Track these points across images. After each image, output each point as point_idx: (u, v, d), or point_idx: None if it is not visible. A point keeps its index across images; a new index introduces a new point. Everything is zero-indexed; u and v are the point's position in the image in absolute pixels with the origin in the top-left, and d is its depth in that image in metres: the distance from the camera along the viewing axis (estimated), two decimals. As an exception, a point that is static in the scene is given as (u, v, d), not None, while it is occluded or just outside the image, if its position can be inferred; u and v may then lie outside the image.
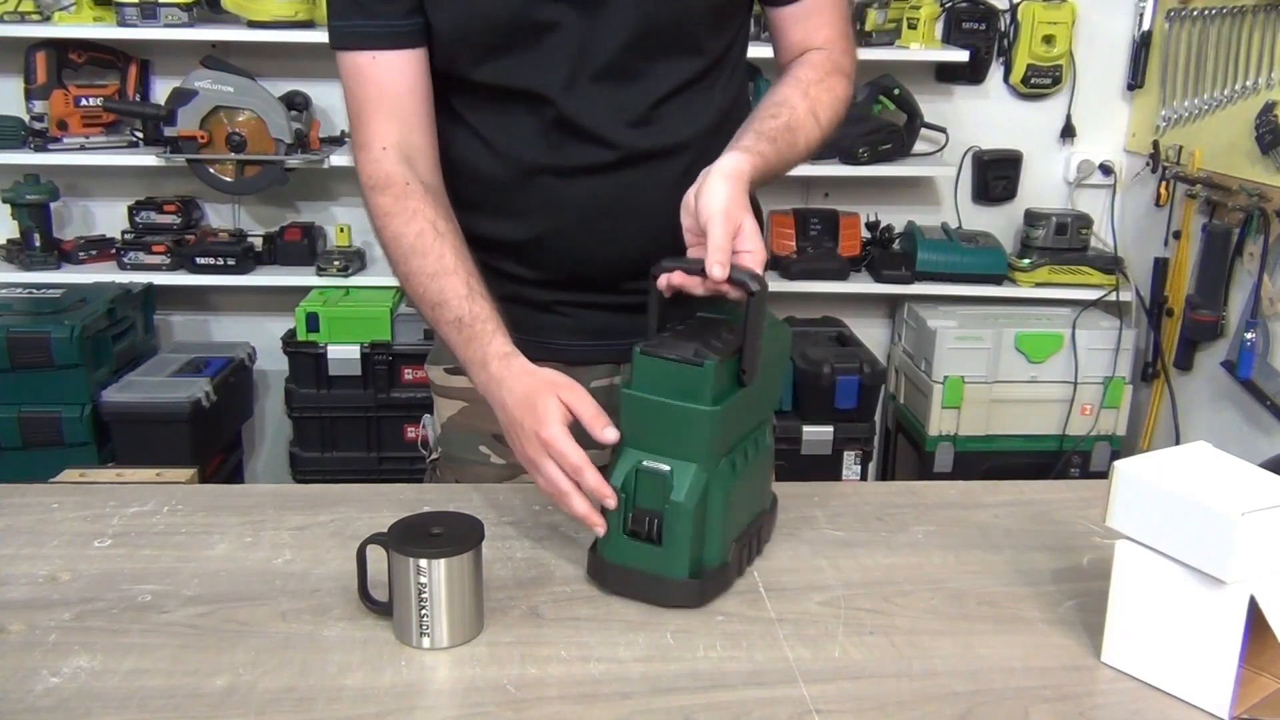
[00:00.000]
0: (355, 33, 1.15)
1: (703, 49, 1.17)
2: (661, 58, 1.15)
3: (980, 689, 0.91)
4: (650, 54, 1.14)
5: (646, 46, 1.13)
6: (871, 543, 1.16)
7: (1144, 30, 2.93)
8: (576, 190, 1.17)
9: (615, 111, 1.14)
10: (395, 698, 0.88)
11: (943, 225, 3.04)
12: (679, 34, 1.14)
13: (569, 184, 1.17)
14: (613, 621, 1.00)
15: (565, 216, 1.18)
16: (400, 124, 1.16)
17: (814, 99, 1.16)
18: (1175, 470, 0.90)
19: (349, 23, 1.15)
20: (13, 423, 2.53)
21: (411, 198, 1.13)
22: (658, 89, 1.15)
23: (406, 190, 1.13)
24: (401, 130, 1.16)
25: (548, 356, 1.17)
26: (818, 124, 1.15)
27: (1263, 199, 2.44)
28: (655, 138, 1.16)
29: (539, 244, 1.21)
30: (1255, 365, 2.49)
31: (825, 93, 1.17)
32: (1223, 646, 0.86)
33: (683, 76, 1.16)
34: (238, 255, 2.81)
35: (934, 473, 2.87)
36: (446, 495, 1.24)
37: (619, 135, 1.15)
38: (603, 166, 1.16)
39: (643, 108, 1.15)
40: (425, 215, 1.13)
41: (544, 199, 1.19)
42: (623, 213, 1.17)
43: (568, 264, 1.21)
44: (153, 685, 0.89)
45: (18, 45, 2.72)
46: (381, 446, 2.82)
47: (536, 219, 1.20)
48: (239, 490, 1.57)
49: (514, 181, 1.19)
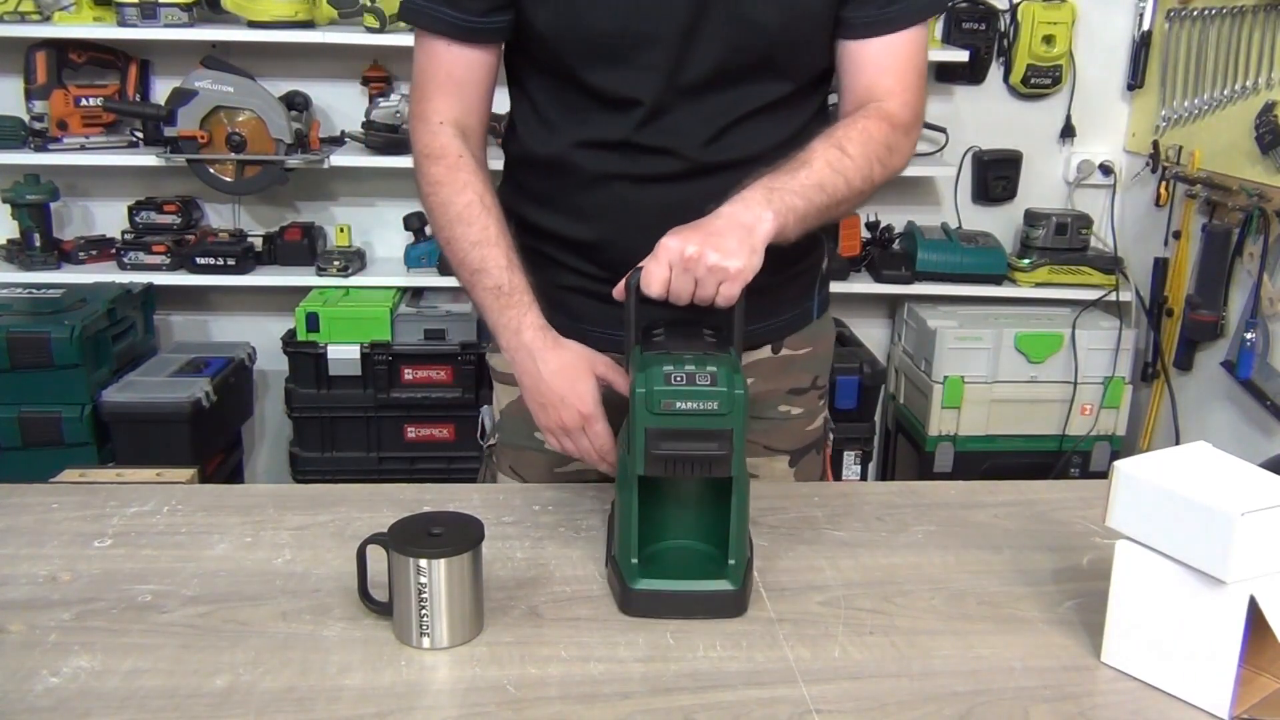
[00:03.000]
0: (434, 17, 1.17)
1: (787, 74, 1.19)
2: (748, 80, 1.17)
3: (980, 689, 0.91)
4: (738, 76, 1.17)
5: (736, 68, 1.16)
6: (871, 543, 1.16)
7: (1144, 30, 2.93)
8: (645, 195, 1.20)
9: (697, 125, 1.17)
10: (395, 698, 0.88)
11: (943, 225, 3.04)
12: (767, 59, 1.17)
13: (639, 189, 1.20)
14: (613, 621, 1.00)
15: (632, 221, 1.20)
16: (461, 104, 1.21)
17: (840, 138, 1.15)
18: (1175, 470, 0.90)
19: (431, 5, 1.17)
20: (13, 423, 2.53)
21: (463, 170, 1.19)
22: (739, 108, 1.18)
23: (459, 162, 1.19)
24: (461, 110, 1.21)
25: (595, 345, 1.21)
26: (845, 154, 1.14)
27: (1263, 199, 2.44)
28: (726, 152, 1.19)
29: (603, 244, 1.24)
30: (1255, 365, 2.49)
31: (856, 132, 1.16)
32: (1223, 646, 0.86)
33: (765, 99, 1.19)
34: (238, 255, 2.80)
35: (934, 473, 2.87)
36: (447, 495, 1.24)
37: (694, 150, 1.18)
38: (674, 175, 1.19)
39: (722, 124, 1.18)
40: (475, 188, 1.18)
41: (614, 202, 1.22)
42: (688, 219, 1.17)
43: (629, 264, 1.23)
44: (153, 685, 0.89)
45: (18, 45, 2.72)
46: (381, 446, 2.82)
47: (604, 221, 1.23)
48: (239, 490, 1.57)
49: (587, 183, 1.22)
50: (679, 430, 0.95)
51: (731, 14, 1.12)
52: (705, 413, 0.95)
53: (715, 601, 1.00)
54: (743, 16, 1.13)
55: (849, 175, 1.13)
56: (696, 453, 0.96)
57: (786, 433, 1.35)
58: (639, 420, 0.95)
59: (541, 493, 1.26)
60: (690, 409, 0.95)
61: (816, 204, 1.10)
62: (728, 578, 1.00)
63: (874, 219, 3.05)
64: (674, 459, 0.96)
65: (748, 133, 1.19)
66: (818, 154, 1.13)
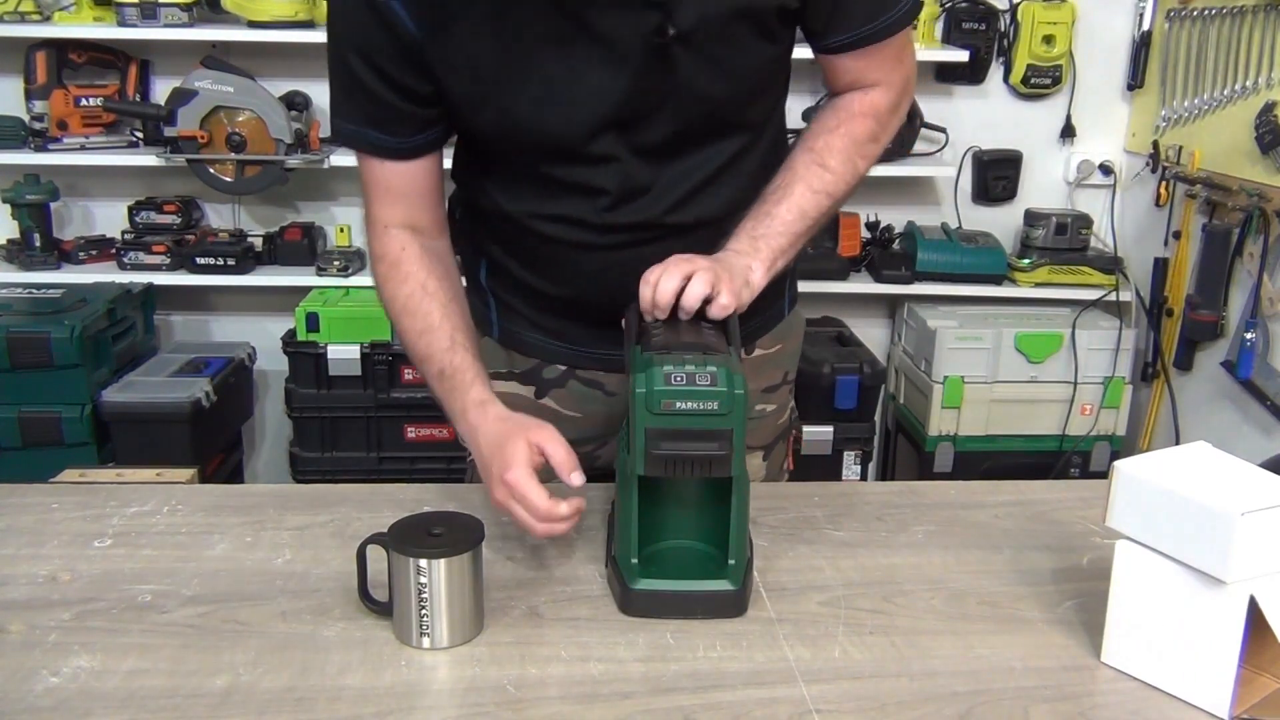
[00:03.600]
0: (366, 141, 1.15)
1: (747, 127, 1.18)
2: (709, 142, 1.16)
3: (980, 689, 0.91)
4: (699, 141, 1.15)
5: (694, 136, 1.14)
6: (871, 543, 1.16)
7: (1144, 30, 2.93)
8: (615, 257, 1.18)
9: (665, 194, 1.16)
10: (395, 698, 0.88)
11: (943, 225, 3.04)
12: (722, 123, 1.15)
13: (608, 253, 1.19)
14: (613, 621, 1.00)
15: (607, 279, 1.20)
16: (405, 208, 1.19)
17: (820, 150, 1.16)
18: (1175, 470, 0.90)
19: (360, 129, 1.14)
20: (13, 423, 2.53)
21: (404, 264, 1.17)
22: (705, 168, 1.16)
23: (401, 256, 1.18)
24: (406, 213, 1.19)
25: (602, 368, 1.27)
26: (826, 169, 1.15)
27: (1263, 199, 2.44)
28: (698, 210, 1.17)
29: (583, 299, 1.24)
30: (1255, 365, 2.49)
31: (839, 139, 1.16)
32: (1223, 646, 0.86)
33: (729, 152, 1.17)
34: (238, 255, 2.80)
35: (934, 473, 2.87)
36: (447, 495, 1.24)
37: (666, 216, 1.17)
38: (646, 239, 1.17)
39: (690, 187, 1.17)
40: (416, 278, 1.17)
41: (582, 264, 1.21)
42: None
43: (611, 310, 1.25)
44: (153, 685, 0.89)
45: (18, 45, 2.72)
46: (381, 446, 2.81)
47: (581, 282, 1.23)
48: (239, 490, 1.57)
49: (554, 247, 1.20)
50: (679, 430, 0.95)
51: (676, 91, 1.09)
52: (705, 413, 0.95)
53: (715, 601, 1.00)
54: (689, 90, 1.09)
55: (831, 189, 1.15)
56: (696, 453, 0.96)
57: (762, 430, 1.36)
58: (639, 420, 0.95)
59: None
60: (690, 409, 0.95)
61: (801, 232, 1.14)
62: (728, 578, 1.00)
63: (874, 219, 3.05)
64: (674, 459, 0.96)
65: (717, 187, 1.17)
66: (799, 177, 1.14)
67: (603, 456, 1.32)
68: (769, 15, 1.09)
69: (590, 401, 1.30)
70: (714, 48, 1.07)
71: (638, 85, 1.08)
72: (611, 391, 1.29)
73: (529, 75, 1.07)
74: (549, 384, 1.30)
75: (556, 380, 1.30)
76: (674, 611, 1.00)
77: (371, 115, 1.13)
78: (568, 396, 1.30)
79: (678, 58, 1.06)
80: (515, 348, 1.31)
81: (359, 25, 1.07)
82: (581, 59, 1.06)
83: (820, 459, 2.80)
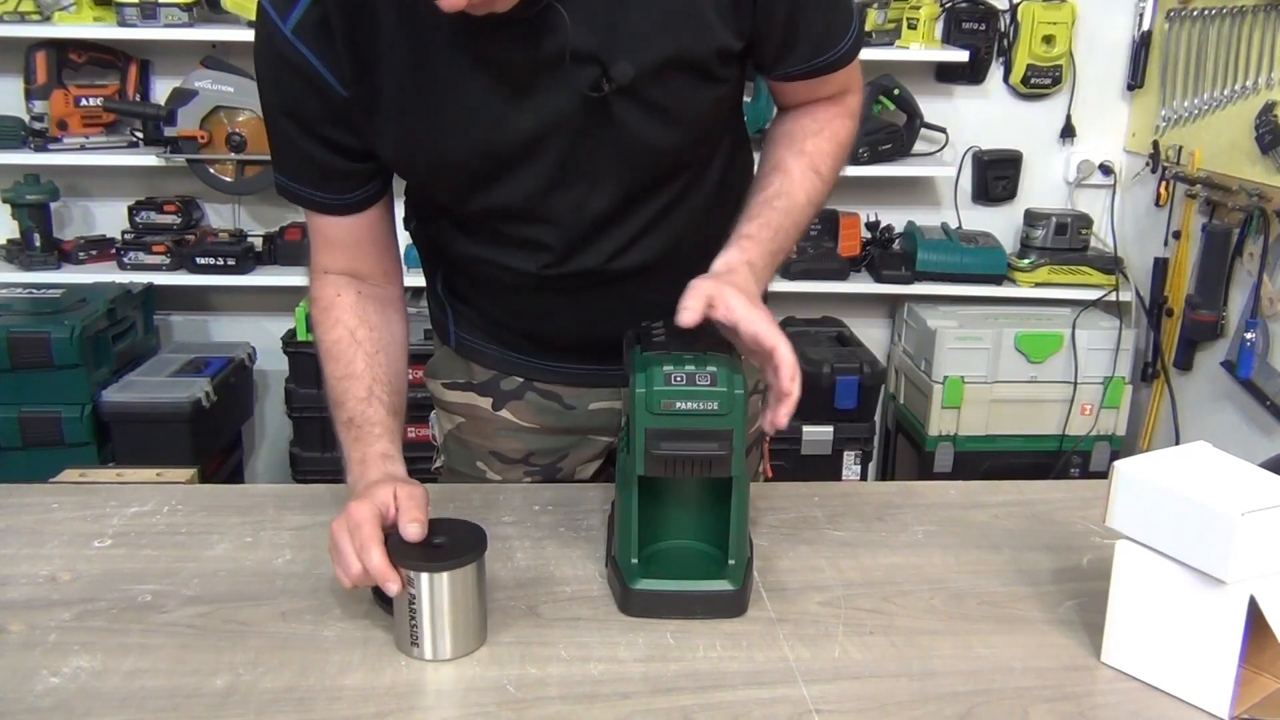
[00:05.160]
0: (304, 198, 1.13)
1: (694, 164, 1.16)
2: (654, 189, 1.13)
3: (980, 689, 0.91)
4: (644, 190, 1.12)
5: (640, 187, 1.12)
6: (871, 543, 1.16)
7: (1144, 30, 2.93)
8: (567, 298, 1.19)
9: (609, 243, 1.14)
10: (395, 698, 0.88)
11: (943, 225, 3.04)
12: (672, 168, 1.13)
13: (559, 295, 1.19)
14: (613, 621, 1.00)
15: (561, 317, 1.21)
16: (347, 258, 1.17)
17: (812, 153, 1.14)
18: (1175, 470, 0.90)
19: (298, 185, 1.12)
20: (13, 423, 2.53)
21: (335, 309, 1.15)
22: (649, 211, 1.14)
23: (335, 302, 1.16)
24: (348, 261, 1.17)
25: (560, 381, 1.27)
26: (820, 178, 1.14)
27: (1263, 199, 2.44)
28: (647, 252, 1.16)
29: (542, 332, 1.25)
30: (1255, 365, 2.49)
31: (826, 142, 1.15)
32: (1223, 646, 0.86)
33: (675, 191, 1.15)
34: (238, 255, 2.80)
35: (934, 473, 2.87)
36: (447, 495, 1.24)
37: (611, 262, 1.15)
38: (595, 284, 1.17)
39: (634, 233, 1.15)
40: (345, 325, 1.14)
41: (539, 307, 1.21)
42: (619, 310, 1.15)
43: (570, 340, 1.26)
44: (153, 685, 0.89)
45: (18, 45, 2.72)
46: (381, 446, 2.81)
47: (535, 318, 1.23)
48: (239, 490, 1.56)
49: (506, 286, 1.20)
50: (679, 430, 0.95)
51: (620, 146, 1.06)
52: (705, 413, 0.95)
53: (715, 601, 1.00)
54: (635, 142, 1.06)
55: (818, 200, 1.14)
56: (696, 453, 0.96)
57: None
58: (639, 420, 0.95)
59: (541, 493, 1.26)
60: (690, 409, 0.95)
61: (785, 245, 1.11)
62: (728, 578, 1.00)
63: (874, 219, 3.05)
64: (674, 459, 0.96)
65: (664, 228, 1.16)
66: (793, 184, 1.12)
67: (564, 469, 1.32)
68: (709, 61, 1.05)
69: (548, 414, 1.29)
70: (656, 96, 1.04)
71: (579, 144, 1.05)
72: (570, 404, 1.29)
73: (464, 141, 1.05)
74: (507, 395, 1.29)
75: (514, 392, 1.29)
76: (674, 611, 1.00)
77: (308, 175, 1.11)
78: (525, 408, 1.29)
79: (619, 112, 1.04)
80: (472, 358, 1.30)
81: (287, 88, 1.05)
82: (513, 122, 1.04)
83: (820, 459, 2.81)
